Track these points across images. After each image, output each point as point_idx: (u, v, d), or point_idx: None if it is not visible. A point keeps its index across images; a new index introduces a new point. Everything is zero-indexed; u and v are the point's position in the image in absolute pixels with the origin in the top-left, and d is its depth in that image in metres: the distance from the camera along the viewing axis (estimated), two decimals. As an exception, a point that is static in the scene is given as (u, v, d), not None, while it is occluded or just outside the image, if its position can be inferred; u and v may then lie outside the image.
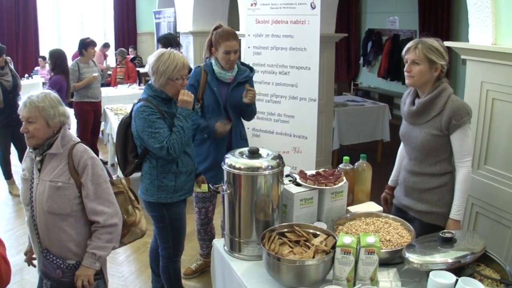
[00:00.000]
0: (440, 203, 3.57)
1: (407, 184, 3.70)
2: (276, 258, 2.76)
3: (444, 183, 3.55)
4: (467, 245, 2.87)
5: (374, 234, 2.89)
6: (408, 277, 2.97)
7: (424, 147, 3.49)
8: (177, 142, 3.76)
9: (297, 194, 3.24)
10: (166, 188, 3.97)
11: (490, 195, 4.02)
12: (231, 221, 3.18)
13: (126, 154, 4.00)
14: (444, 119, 3.38)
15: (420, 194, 3.62)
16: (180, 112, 3.84)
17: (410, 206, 3.68)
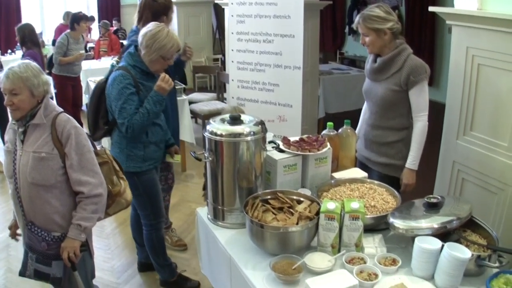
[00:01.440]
0: (397, 156, 3.87)
1: (368, 137, 4.00)
2: (259, 225, 2.73)
3: (402, 138, 3.85)
4: (453, 211, 2.85)
5: (358, 200, 2.86)
6: (393, 243, 2.95)
7: (384, 101, 3.76)
8: (138, 124, 3.75)
9: (281, 161, 3.20)
10: (135, 157, 3.97)
11: (476, 161, 3.99)
12: (214, 189, 3.14)
13: (97, 119, 3.99)
14: (403, 76, 3.64)
15: (379, 147, 3.92)
16: (152, 96, 3.81)
17: (370, 158, 4.00)
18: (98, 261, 4.87)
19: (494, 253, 2.66)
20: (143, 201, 4.17)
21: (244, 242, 2.96)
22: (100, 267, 4.86)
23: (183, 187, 6.70)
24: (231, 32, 6.09)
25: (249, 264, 2.80)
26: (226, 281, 3.08)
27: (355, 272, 2.62)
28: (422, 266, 2.64)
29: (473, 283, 2.64)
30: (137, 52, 3.88)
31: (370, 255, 2.80)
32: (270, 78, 5.86)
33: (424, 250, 2.59)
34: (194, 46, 12.45)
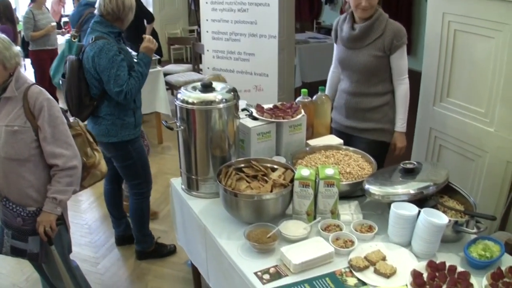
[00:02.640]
0: (384, 120, 3.82)
1: (350, 105, 3.88)
2: (233, 194, 2.68)
3: (387, 101, 3.80)
4: (430, 176, 2.82)
5: (333, 166, 2.82)
6: (370, 209, 2.92)
7: (367, 68, 3.69)
8: (135, 88, 3.76)
9: (254, 128, 3.14)
10: (128, 125, 3.96)
11: (453, 128, 3.97)
12: (187, 159, 3.08)
13: (81, 98, 3.87)
14: (386, 40, 3.60)
15: (364, 113, 3.83)
16: (141, 58, 3.86)
17: (355, 126, 3.88)
18: (75, 236, 4.88)
19: (472, 219, 2.64)
20: (137, 169, 4.18)
21: (218, 212, 2.91)
22: (77, 242, 4.84)
23: (160, 159, 6.65)
24: (205, 1, 5.98)
25: (223, 233, 2.76)
26: (202, 251, 3.04)
27: (331, 240, 2.59)
28: (399, 233, 2.61)
29: (451, 250, 2.62)
30: (104, 19, 3.80)
31: (346, 222, 2.77)
32: (246, 47, 5.78)
33: (401, 216, 2.56)
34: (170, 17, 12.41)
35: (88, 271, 4.35)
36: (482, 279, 2.39)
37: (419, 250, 2.55)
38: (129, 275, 4.43)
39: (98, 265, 4.56)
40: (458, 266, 2.46)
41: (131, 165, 4.08)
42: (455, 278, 2.38)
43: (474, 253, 2.51)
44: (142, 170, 4.23)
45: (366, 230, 2.71)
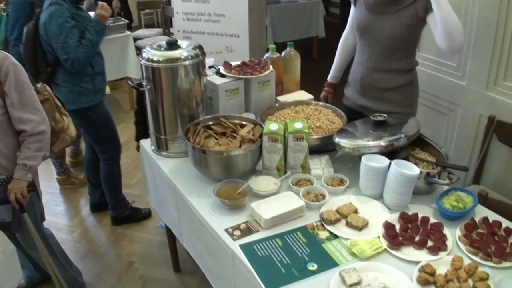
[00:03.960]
0: (404, 103, 3.33)
1: (366, 82, 3.34)
2: (201, 151, 2.64)
3: (410, 81, 3.30)
4: (401, 129, 2.79)
5: (302, 120, 2.78)
6: (341, 163, 2.90)
7: (394, 39, 3.11)
8: (83, 56, 3.67)
9: (222, 85, 3.09)
10: (86, 91, 3.89)
11: (425, 82, 3.93)
12: (155, 119, 3.03)
13: (36, 65, 3.80)
14: (420, 3, 2.97)
15: (382, 93, 3.31)
16: (93, 26, 3.73)
17: (369, 106, 3.37)
18: (50, 205, 4.88)
19: (444, 170, 2.62)
20: (102, 135, 4.13)
21: (188, 171, 2.88)
22: (53, 211, 4.81)
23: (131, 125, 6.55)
24: (172, -38, 5.87)
25: (193, 192, 2.72)
26: (173, 211, 3.01)
27: (302, 194, 2.57)
28: (370, 185, 2.59)
29: (424, 201, 2.61)
30: None
31: (317, 176, 2.74)
32: (215, 8, 5.68)
33: (371, 168, 2.53)
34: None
35: (64, 239, 4.33)
36: (455, 230, 2.38)
37: (391, 202, 2.53)
38: (105, 241, 4.40)
39: (74, 233, 4.53)
40: (431, 218, 2.45)
41: (95, 132, 4.02)
42: (428, 229, 2.37)
43: (446, 204, 2.50)
44: (108, 135, 4.18)
45: (337, 184, 2.69)
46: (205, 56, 2.99)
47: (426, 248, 2.27)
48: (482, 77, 3.66)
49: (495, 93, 3.62)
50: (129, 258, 4.18)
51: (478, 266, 2.15)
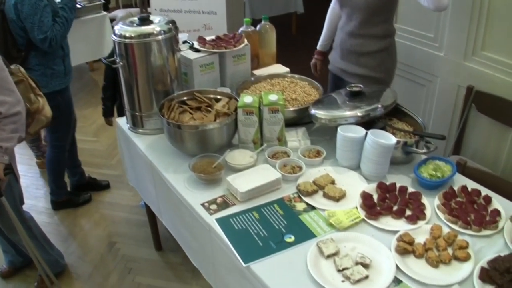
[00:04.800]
0: (380, 69, 3.40)
1: (345, 46, 3.45)
2: (176, 126, 2.61)
3: (385, 46, 3.36)
4: (378, 99, 2.76)
5: (277, 92, 2.75)
6: (318, 135, 2.88)
7: (369, 5, 3.18)
8: (60, 34, 3.65)
9: (196, 60, 3.06)
10: (58, 74, 3.86)
11: (403, 54, 3.90)
12: (129, 96, 2.99)
13: (8, 50, 3.73)
14: None
15: (358, 57, 3.40)
16: (65, 3, 3.71)
17: (347, 69, 3.49)
18: (31, 189, 4.84)
19: (422, 139, 2.62)
20: (61, 122, 4.04)
21: (164, 147, 2.85)
22: (33, 195, 4.78)
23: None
24: None
25: (169, 168, 2.70)
26: (151, 188, 2.99)
27: (278, 166, 2.55)
28: (347, 156, 2.58)
29: (402, 171, 2.60)
30: None
31: (293, 148, 2.72)
32: (192, -14, 5.63)
33: (348, 138, 2.52)
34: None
35: (45, 222, 4.31)
36: (434, 199, 2.38)
37: (368, 172, 2.52)
38: (86, 223, 4.38)
39: (55, 216, 4.49)
40: (409, 187, 2.44)
41: (56, 117, 3.95)
42: (406, 199, 2.36)
43: (424, 173, 2.49)
44: (67, 122, 4.14)
45: (314, 156, 2.68)
46: (178, 31, 2.95)
47: (404, 218, 2.27)
48: (460, 48, 3.64)
49: (473, 63, 3.61)
50: (111, 238, 4.16)
51: (458, 234, 2.15)
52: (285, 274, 1.99)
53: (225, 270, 2.28)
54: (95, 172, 4.88)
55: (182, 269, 3.74)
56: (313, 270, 1.96)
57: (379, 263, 2.03)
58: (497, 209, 2.29)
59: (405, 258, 2.05)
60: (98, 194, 4.70)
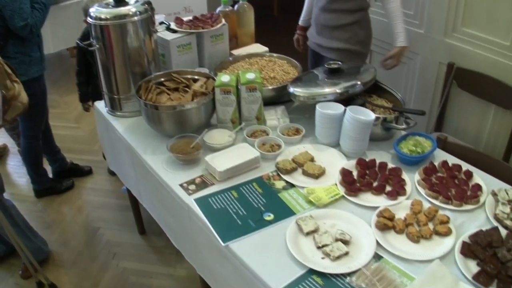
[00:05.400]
0: (352, 40, 3.47)
1: (319, 21, 3.56)
2: (154, 107, 2.58)
3: (356, 20, 3.43)
4: (357, 76, 2.75)
5: (254, 71, 2.72)
6: (297, 113, 2.87)
7: None
8: (40, 20, 3.63)
9: (173, 41, 3.03)
10: (35, 61, 3.82)
11: (383, 32, 3.89)
12: (107, 79, 2.95)
13: None
14: None
15: (331, 31, 3.50)
16: None
17: (321, 44, 3.59)
18: (13, 177, 4.84)
19: (401, 115, 2.60)
20: (36, 111, 4.01)
21: (142, 129, 2.82)
22: (16, 183, 4.78)
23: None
24: None
25: (148, 149, 2.67)
26: (131, 171, 2.97)
27: (257, 145, 2.53)
28: (326, 133, 2.57)
29: (382, 148, 2.60)
30: None
31: (272, 127, 2.71)
32: (172, -33, 5.58)
33: (326, 115, 2.50)
34: None
35: (28, 210, 4.27)
36: (414, 175, 2.38)
37: (347, 149, 2.51)
38: (70, 209, 4.35)
39: (38, 204, 4.46)
40: (389, 163, 2.43)
41: (33, 105, 3.92)
42: (386, 175, 2.36)
43: (404, 149, 2.48)
44: (41, 111, 4.11)
45: (293, 134, 2.66)
46: (155, 12, 2.92)
47: (384, 194, 2.26)
48: (440, 24, 3.64)
49: (454, 40, 3.60)
50: (94, 224, 4.15)
51: (438, 209, 2.15)
52: (265, 252, 1.98)
53: (205, 251, 2.27)
54: (77, 158, 4.85)
55: (166, 252, 3.73)
56: (292, 248, 1.95)
57: (359, 240, 2.02)
58: (478, 183, 2.29)
59: (385, 234, 2.04)
60: (80, 180, 4.66)
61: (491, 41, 3.35)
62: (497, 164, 2.61)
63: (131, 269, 3.64)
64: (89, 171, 4.78)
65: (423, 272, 1.84)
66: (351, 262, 1.91)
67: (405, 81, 4.07)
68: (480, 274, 1.81)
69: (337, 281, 1.84)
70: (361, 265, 1.88)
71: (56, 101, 5.95)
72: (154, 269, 3.62)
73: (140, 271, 3.62)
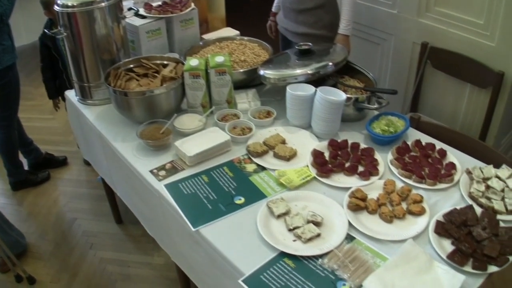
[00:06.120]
0: (317, 25, 3.44)
1: (285, 5, 3.54)
2: (123, 94, 2.55)
3: (321, 4, 3.39)
4: (328, 56, 2.73)
5: (223, 54, 2.69)
6: (269, 96, 2.85)
7: None
8: (9, 8, 3.59)
9: (142, 27, 3.00)
10: (8, 49, 3.75)
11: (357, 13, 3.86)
12: (76, 67, 2.90)
13: None
14: None
15: (296, 15, 3.47)
16: None
17: (288, 28, 3.58)
18: None
19: (373, 95, 2.59)
20: (10, 99, 3.98)
21: (113, 116, 2.79)
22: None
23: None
24: None
25: (118, 137, 2.64)
26: (103, 160, 2.93)
27: (228, 128, 2.51)
28: (297, 115, 2.54)
29: (355, 128, 2.59)
30: None
31: (243, 110, 2.69)
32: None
33: (296, 97, 2.48)
34: None
35: (4, 204, 4.26)
36: (387, 154, 2.36)
37: (319, 130, 2.49)
38: (46, 202, 4.31)
39: (14, 197, 4.42)
40: (361, 144, 2.42)
41: (7, 95, 3.88)
42: (358, 155, 2.34)
43: (377, 129, 2.47)
44: (16, 99, 4.06)
45: (264, 116, 2.64)
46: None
47: (357, 174, 2.25)
48: (413, 4, 3.62)
49: (427, 20, 3.59)
50: (71, 215, 4.11)
51: (412, 189, 2.14)
52: (235, 236, 1.96)
53: (177, 237, 2.25)
54: (53, 149, 4.79)
55: (143, 241, 3.70)
56: (263, 231, 1.93)
57: (331, 221, 2.01)
58: (452, 162, 2.28)
59: (358, 215, 2.03)
60: (56, 172, 4.62)
61: (465, 20, 3.34)
62: (472, 143, 2.60)
63: (109, 259, 3.61)
64: (64, 160, 4.73)
65: (396, 252, 1.83)
66: (323, 244, 1.89)
67: (380, 62, 4.05)
68: (455, 253, 1.80)
69: (308, 263, 1.83)
70: (333, 247, 1.87)
71: (30, 93, 5.89)
72: (131, 258, 3.60)
73: (118, 261, 3.59)
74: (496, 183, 2.11)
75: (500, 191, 2.08)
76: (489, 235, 1.86)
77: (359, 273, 1.76)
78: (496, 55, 3.21)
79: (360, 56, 3.72)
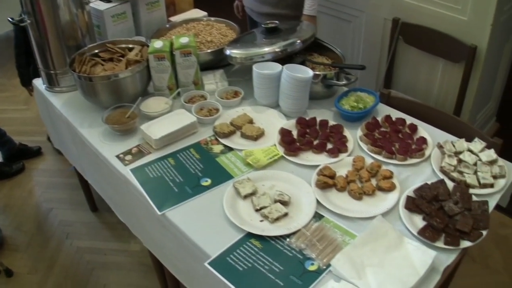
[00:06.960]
0: (281, 5, 3.37)
1: None
2: (88, 79, 2.50)
3: None
4: (295, 34, 2.70)
5: (188, 35, 2.65)
6: (238, 76, 2.83)
7: None
8: None
9: (107, 11, 2.95)
10: None
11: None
12: (41, 54, 2.85)
13: None
14: None
15: None
16: None
17: (253, 8, 3.53)
18: None
19: (342, 71, 2.57)
20: None
21: (79, 103, 2.75)
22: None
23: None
24: None
25: (85, 123, 2.60)
26: (72, 147, 2.88)
27: (194, 110, 2.48)
28: (264, 93, 2.52)
29: (324, 106, 2.58)
30: None
31: (211, 91, 2.66)
32: None
33: (263, 75, 2.45)
34: None
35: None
36: (357, 131, 2.34)
37: (287, 109, 2.47)
38: (21, 193, 4.27)
39: (-9, 189, 4.36)
40: (330, 121, 2.40)
41: None
42: (327, 132, 2.33)
43: (346, 105, 2.45)
44: None
45: (231, 96, 2.62)
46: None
47: (325, 152, 2.24)
48: (383, -20, 3.60)
49: (398, -5, 3.57)
50: (47, 205, 4.08)
51: (382, 165, 2.13)
52: (202, 218, 1.95)
53: (147, 222, 2.22)
54: (27, 140, 4.74)
55: (119, 228, 3.68)
56: (229, 212, 1.92)
57: (299, 200, 2.00)
58: (423, 137, 2.27)
59: (326, 193, 2.02)
60: (31, 162, 4.57)
61: (435, -6, 3.32)
62: (445, 117, 2.59)
63: (85, 248, 3.59)
64: (38, 150, 4.67)
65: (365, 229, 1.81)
66: (291, 223, 1.88)
67: (352, 39, 4.03)
68: (426, 229, 1.79)
69: (276, 243, 1.81)
70: (301, 226, 1.86)
71: (4, 85, 5.84)
72: (108, 246, 3.58)
73: (94, 249, 3.58)
74: (469, 157, 2.11)
75: (473, 165, 2.08)
76: (461, 210, 1.85)
77: (327, 252, 1.75)
78: (468, 29, 3.20)
79: (332, 34, 3.70)
